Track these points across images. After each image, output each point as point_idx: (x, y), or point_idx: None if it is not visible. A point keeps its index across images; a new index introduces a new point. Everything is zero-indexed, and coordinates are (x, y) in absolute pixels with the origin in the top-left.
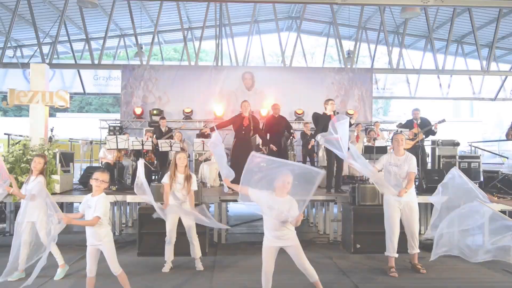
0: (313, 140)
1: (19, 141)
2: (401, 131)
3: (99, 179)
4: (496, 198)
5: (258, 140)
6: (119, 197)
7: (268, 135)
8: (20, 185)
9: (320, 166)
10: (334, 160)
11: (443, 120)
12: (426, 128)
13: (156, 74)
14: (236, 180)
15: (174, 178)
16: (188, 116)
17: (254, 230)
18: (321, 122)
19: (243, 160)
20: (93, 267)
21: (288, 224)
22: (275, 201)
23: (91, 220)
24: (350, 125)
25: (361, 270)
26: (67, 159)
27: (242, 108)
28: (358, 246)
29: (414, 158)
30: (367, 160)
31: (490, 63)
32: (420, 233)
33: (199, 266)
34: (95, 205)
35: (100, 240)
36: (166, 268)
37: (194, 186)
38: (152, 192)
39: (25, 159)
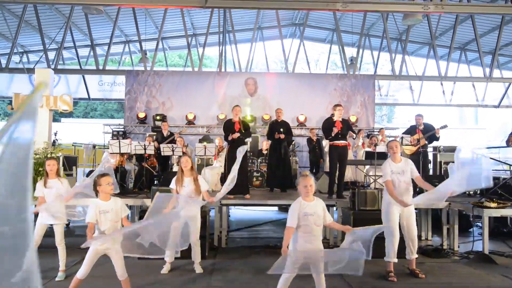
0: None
1: None
2: (401, 137)
3: (112, 182)
4: None
5: (260, 145)
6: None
7: (270, 141)
8: None
9: (321, 173)
10: (336, 167)
11: (445, 126)
12: (428, 133)
13: (160, 80)
14: (235, 189)
15: (181, 182)
16: (191, 122)
17: (254, 234)
18: (328, 127)
19: (240, 165)
20: (88, 270)
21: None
22: (307, 206)
23: (126, 223)
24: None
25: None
26: (70, 163)
27: (233, 112)
28: None
29: (412, 162)
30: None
31: (493, 70)
32: (420, 239)
33: (199, 269)
34: (121, 207)
35: (113, 244)
36: (165, 270)
37: (204, 186)
38: (153, 195)
39: None
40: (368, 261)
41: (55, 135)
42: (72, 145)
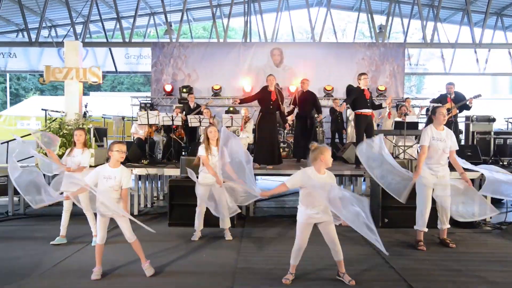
0: (344, 104)
1: (56, 118)
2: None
3: (124, 151)
4: None
5: None
6: (151, 171)
7: (295, 110)
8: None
9: (348, 142)
10: (363, 136)
11: (479, 95)
12: (461, 103)
13: (185, 52)
14: (260, 159)
15: (209, 151)
16: (217, 93)
17: (281, 204)
18: (353, 94)
19: (269, 135)
20: (104, 234)
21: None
22: (320, 178)
23: (124, 192)
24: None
25: (389, 243)
26: (100, 134)
27: (268, 82)
28: (386, 220)
29: (454, 134)
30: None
31: None
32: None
33: (228, 236)
34: (121, 177)
35: (116, 210)
36: (196, 237)
37: (228, 158)
38: (182, 165)
39: (61, 133)
40: (397, 230)
41: (86, 107)
42: (102, 117)
